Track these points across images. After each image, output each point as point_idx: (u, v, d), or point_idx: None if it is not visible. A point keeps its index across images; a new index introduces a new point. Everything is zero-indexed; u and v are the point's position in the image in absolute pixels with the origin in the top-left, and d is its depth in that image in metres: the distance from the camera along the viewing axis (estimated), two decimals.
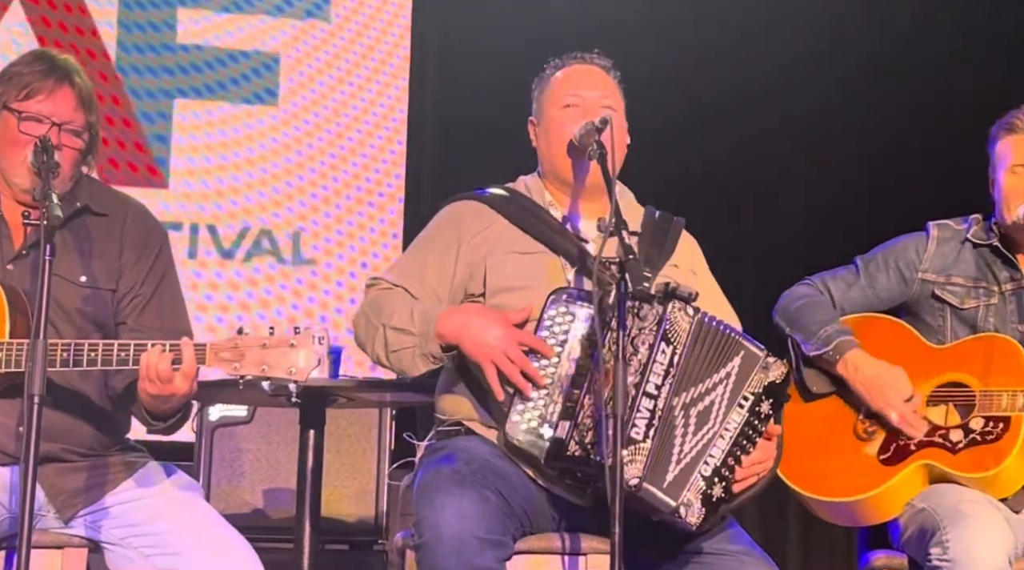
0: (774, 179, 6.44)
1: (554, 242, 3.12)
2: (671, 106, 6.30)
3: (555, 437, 2.87)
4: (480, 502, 2.78)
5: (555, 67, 3.27)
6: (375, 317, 3.07)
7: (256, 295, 6.21)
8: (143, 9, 6.21)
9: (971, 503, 3.19)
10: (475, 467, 2.87)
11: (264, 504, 5.00)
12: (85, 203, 3.09)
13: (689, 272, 3.20)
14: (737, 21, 6.46)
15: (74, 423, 3.01)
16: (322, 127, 6.40)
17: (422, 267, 3.14)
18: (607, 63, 3.27)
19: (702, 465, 2.88)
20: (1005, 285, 3.49)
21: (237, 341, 2.81)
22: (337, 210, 6.37)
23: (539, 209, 3.18)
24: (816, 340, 3.45)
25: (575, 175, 3.16)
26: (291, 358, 2.79)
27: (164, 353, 2.80)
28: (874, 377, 3.38)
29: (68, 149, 3.01)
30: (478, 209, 3.19)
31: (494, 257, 3.10)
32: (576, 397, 2.88)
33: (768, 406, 2.95)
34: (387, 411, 5.05)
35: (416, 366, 3.03)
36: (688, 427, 2.88)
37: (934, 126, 6.32)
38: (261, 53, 6.34)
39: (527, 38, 5.89)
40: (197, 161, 6.21)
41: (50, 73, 3.01)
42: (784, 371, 2.97)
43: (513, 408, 2.92)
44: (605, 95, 3.18)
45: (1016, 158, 3.46)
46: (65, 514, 3.00)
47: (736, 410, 2.92)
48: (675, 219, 3.26)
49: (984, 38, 6.31)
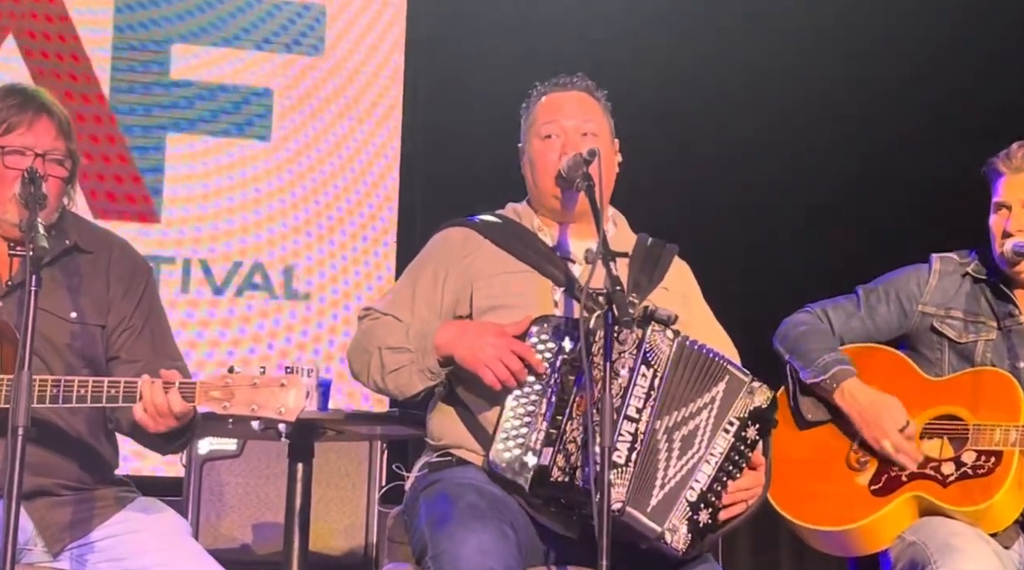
0: (773, 205, 6.44)
1: (541, 265, 3.13)
2: (669, 138, 6.33)
3: (539, 465, 2.86)
4: (499, 537, 2.77)
5: (539, 93, 3.28)
6: (369, 343, 3.09)
7: (248, 330, 6.20)
8: (136, 44, 6.22)
9: (961, 537, 3.18)
10: (489, 501, 2.86)
11: (253, 538, 4.97)
12: (74, 241, 3.11)
13: (680, 296, 3.20)
14: (734, 53, 6.48)
15: (64, 458, 3.01)
16: (315, 162, 6.41)
17: (411, 295, 3.15)
18: (589, 85, 3.27)
19: (687, 490, 2.87)
20: (1004, 321, 3.49)
21: (227, 380, 2.82)
22: (329, 245, 6.37)
23: (527, 233, 3.20)
24: (814, 368, 3.45)
25: (563, 204, 3.17)
26: (281, 398, 2.80)
27: (156, 383, 2.82)
28: (869, 404, 3.38)
29: (53, 178, 3.03)
30: (466, 234, 3.20)
31: (481, 279, 3.11)
32: (559, 423, 2.87)
33: (754, 431, 2.94)
34: (377, 444, 5.03)
35: (413, 383, 3.03)
36: (672, 451, 2.87)
37: (936, 157, 6.32)
38: (254, 88, 6.36)
39: (521, 74, 5.89)
40: (190, 196, 6.22)
41: (26, 105, 3.04)
42: (769, 396, 2.97)
43: (497, 435, 2.92)
44: (586, 120, 3.18)
45: (999, 196, 3.50)
46: (53, 548, 2.99)
47: (722, 435, 2.91)
48: (668, 246, 3.26)
49: (987, 66, 6.34)
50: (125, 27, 6.22)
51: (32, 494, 2.92)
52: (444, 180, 6.32)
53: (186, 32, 6.30)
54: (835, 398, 3.42)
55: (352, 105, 6.47)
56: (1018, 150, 3.48)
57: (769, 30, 6.47)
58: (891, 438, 3.34)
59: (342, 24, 6.51)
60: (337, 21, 6.51)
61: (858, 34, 6.50)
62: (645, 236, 3.28)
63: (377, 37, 6.56)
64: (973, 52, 6.33)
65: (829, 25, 6.49)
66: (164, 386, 2.82)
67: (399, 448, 5.42)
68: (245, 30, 6.37)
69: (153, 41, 6.24)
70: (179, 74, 6.27)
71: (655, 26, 6.41)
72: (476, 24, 6.42)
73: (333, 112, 6.45)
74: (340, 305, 6.33)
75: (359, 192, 6.43)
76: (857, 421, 3.39)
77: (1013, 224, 3.45)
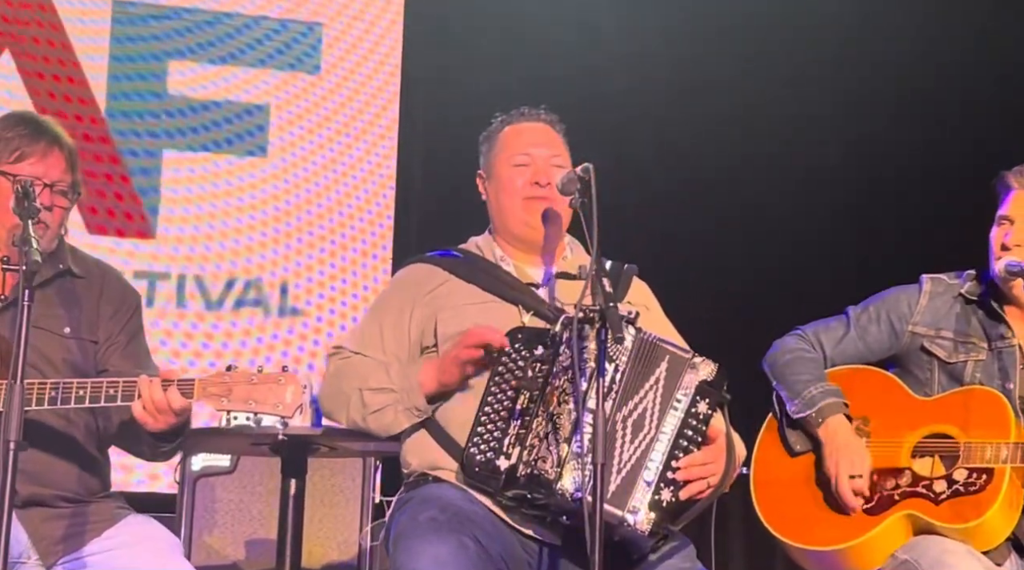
0: (763, 223, 6.46)
1: (506, 292, 3.17)
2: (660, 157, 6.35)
3: (509, 465, 2.89)
4: (457, 548, 2.78)
5: (503, 122, 3.36)
6: (345, 384, 3.12)
7: (243, 346, 6.20)
8: (133, 61, 6.24)
9: (954, 554, 3.19)
10: (451, 514, 2.87)
11: (246, 555, 4.96)
12: (68, 266, 3.18)
13: (642, 307, 3.23)
14: (725, 65, 6.50)
15: (62, 468, 3.04)
16: (310, 178, 6.41)
17: (378, 333, 3.20)
18: (553, 118, 3.35)
19: (644, 471, 2.90)
20: (995, 342, 3.49)
21: (225, 376, 2.87)
22: (324, 261, 6.37)
23: (490, 265, 3.24)
24: (800, 400, 3.47)
25: (535, 229, 3.22)
26: (278, 394, 2.85)
27: (154, 381, 2.86)
28: (843, 445, 3.41)
29: (58, 209, 3.10)
30: (430, 270, 3.25)
31: (445, 311, 3.16)
32: (527, 423, 2.91)
33: (705, 406, 2.98)
34: (371, 461, 5.03)
35: (399, 422, 3.07)
36: (625, 437, 2.91)
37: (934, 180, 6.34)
38: (250, 104, 6.37)
39: (522, 94, 5.91)
40: (185, 211, 6.22)
41: (39, 135, 3.10)
42: (713, 369, 3.01)
43: (469, 440, 2.95)
44: (555, 154, 3.27)
45: (1005, 209, 3.50)
46: (47, 560, 3.01)
47: (671, 413, 2.95)
48: (627, 266, 3.29)
49: (987, 77, 6.37)
50: (122, 42, 6.23)
51: (28, 503, 2.96)
52: (439, 198, 6.33)
53: (183, 48, 6.31)
54: (818, 432, 3.44)
55: (349, 122, 6.48)
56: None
57: (756, 49, 6.50)
58: (840, 479, 3.36)
59: (339, 43, 6.53)
60: (334, 40, 6.52)
61: (850, 56, 6.53)
62: (604, 259, 3.31)
63: (374, 56, 6.58)
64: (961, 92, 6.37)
65: (819, 43, 6.51)
66: (163, 383, 2.86)
67: (393, 464, 5.40)
68: (241, 49, 6.39)
69: (151, 56, 6.26)
70: (176, 90, 6.28)
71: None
72: (473, 45, 6.44)
73: (330, 129, 6.46)
74: (335, 322, 6.33)
75: (354, 209, 6.44)
76: (825, 454, 3.42)
77: (1013, 238, 3.45)
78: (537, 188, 3.21)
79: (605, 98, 6.19)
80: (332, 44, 6.52)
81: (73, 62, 6.14)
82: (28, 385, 2.72)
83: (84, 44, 6.17)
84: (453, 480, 3.01)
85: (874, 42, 6.50)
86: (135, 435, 3.00)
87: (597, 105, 6.04)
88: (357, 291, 6.39)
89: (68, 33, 6.14)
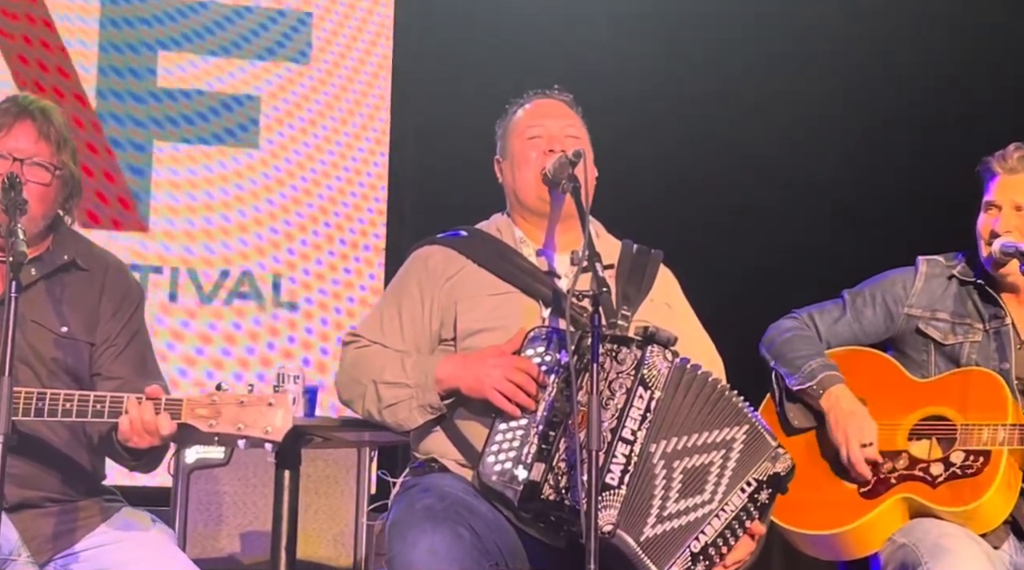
0: (762, 207, 6.45)
1: (526, 284, 3.10)
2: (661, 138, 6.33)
3: (529, 479, 2.83)
4: (452, 538, 2.75)
5: (518, 105, 3.30)
6: (362, 375, 3.06)
7: (236, 338, 6.19)
8: (123, 53, 6.21)
9: (952, 538, 3.17)
10: (448, 503, 2.83)
11: (241, 547, 4.96)
12: (72, 258, 3.10)
13: (664, 305, 3.18)
14: (724, 54, 6.49)
15: (48, 470, 3.00)
16: (302, 170, 6.40)
17: (397, 321, 3.13)
18: (568, 98, 3.29)
19: (693, 540, 2.85)
20: (990, 323, 3.48)
21: (214, 397, 2.80)
22: (317, 252, 6.36)
23: (509, 250, 3.16)
24: (800, 374, 3.45)
25: (548, 205, 3.15)
26: (268, 417, 2.78)
27: (145, 403, 2.80)
28: (848, 413, 3.37)
29: (33, 184, 2.99)
30: (446, 255, 3.17)
31: (464, 301, 3.09)
32: (552, 439, 2.84)
33: (767, 496, 2.93)
34: (366, 451, 5.02)
35: (413, 418, 3.02)
36: (672, 481, 2.84)
37: (927, 163, 6.34)
38: (241, 97, 6.35)
39: (510, 80, 5.89)
40: (177, 204, 6.21)
41: (10, 111, 3.04)
42: (790, 465, 2.96)
43: (488, 448, 2.89)
44: (569, 125, 3.19)
45: (990, 196, 3.49)
46: (40, 558, 2.98)
47: (738, 493, 2.90)
48: (652, 252, 3.24)
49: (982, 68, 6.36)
50: (111, 33, 6.20)
51: (17, 507, 2.92)
52: (433, 187, 6.31)
53: (172, 39, 6.29)
54: (821, 403, 3.41)
55: (340, 112, 6.47)
56: (1015, 152, 3.48)
57: (766, 38, 6.49)
58: (851, 448, 3.33)
59: (328, 31, 6.52)
60: (323, 28, 6.51)
61: (852, 46, 6.53)
62: (630, 243, 3.26)
63: (364, 44, 6.57)
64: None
65: (821, 36, 6.50)
66: (155, 407, 2.80)
67: (388, 454, 5.40)
68: (233, 41, 6.36)
69: (141, 45, 6.23)
70: (166, 82, 6.25)
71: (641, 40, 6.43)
72: (464, 30, 6.42)
73: (321, 119, 6.45)
74: (328, 313, 6.31)
75: (347, 197, 6.43)
76: (831, 422, 3.39)
77: (1002, 224, 3.44)
78: (552, 155, 3.11)
79: (612, 100, 6.16)
80: (322, 32, 6.50)
81: (61, 53, 6.12)
82: (15, 392, 2.67)
83: (73, 35, 6.16)
84: (461, 473, 2.97)
85: None
86: (112, 444, 2.96)
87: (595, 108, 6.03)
88: (350, 281, 6.38)
89: (56, 24, 6.12)
